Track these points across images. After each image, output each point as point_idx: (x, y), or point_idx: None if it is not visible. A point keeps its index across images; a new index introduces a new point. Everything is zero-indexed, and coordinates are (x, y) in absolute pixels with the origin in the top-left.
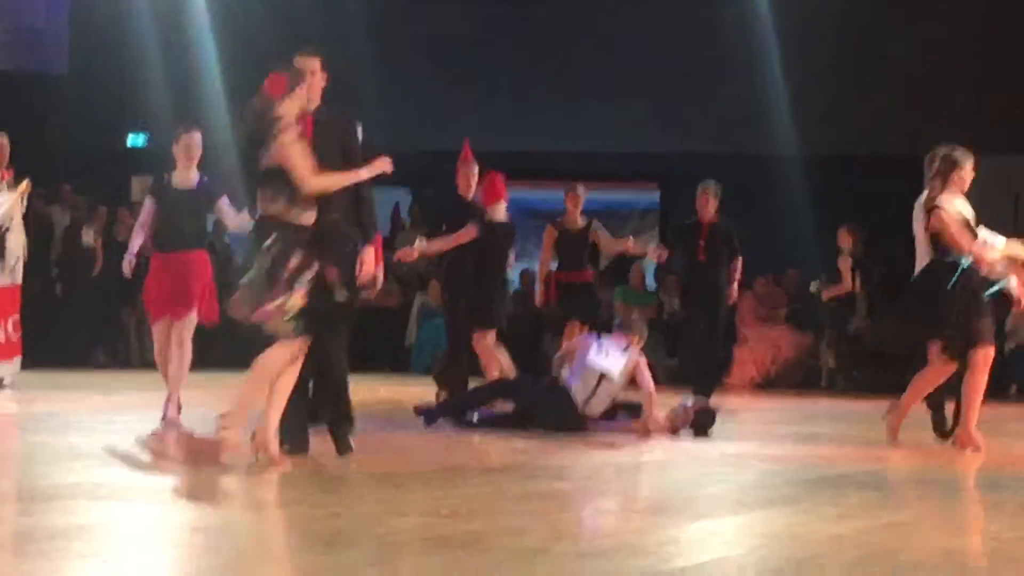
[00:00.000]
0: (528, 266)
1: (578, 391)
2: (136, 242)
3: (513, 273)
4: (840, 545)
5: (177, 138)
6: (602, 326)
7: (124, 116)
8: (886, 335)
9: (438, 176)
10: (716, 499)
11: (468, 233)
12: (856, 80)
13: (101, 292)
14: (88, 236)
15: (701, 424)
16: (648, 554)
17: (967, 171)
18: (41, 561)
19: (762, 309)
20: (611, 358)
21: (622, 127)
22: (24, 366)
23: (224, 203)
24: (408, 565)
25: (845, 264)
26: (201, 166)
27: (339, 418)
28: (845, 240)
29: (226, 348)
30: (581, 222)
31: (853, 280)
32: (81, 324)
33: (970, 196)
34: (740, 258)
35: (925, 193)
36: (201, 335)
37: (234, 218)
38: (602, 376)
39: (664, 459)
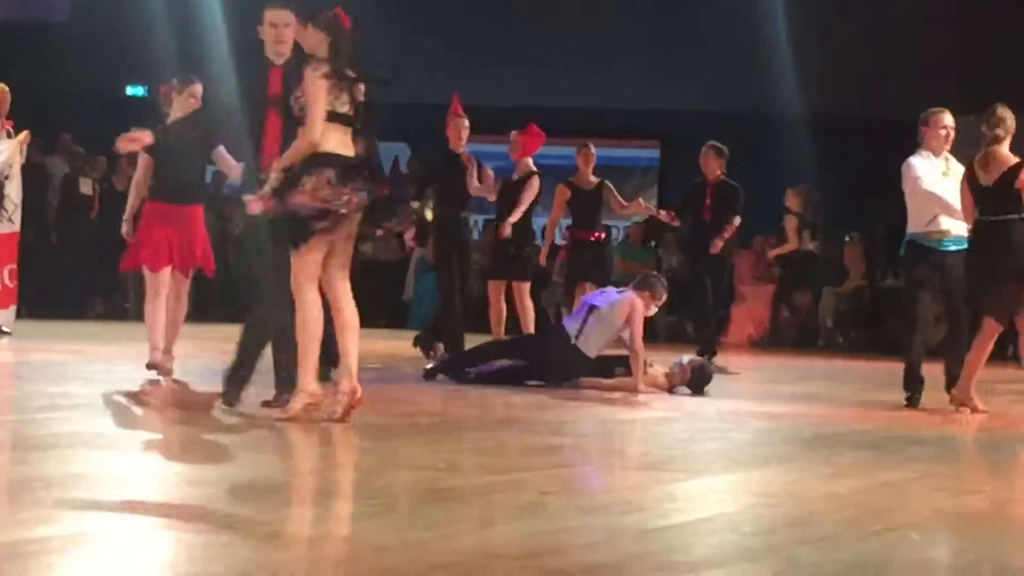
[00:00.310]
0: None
1: (570, 326)
2: (136, 201)
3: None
4: (835, 504)
5: (179, 89)
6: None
7: (124, 65)
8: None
9: (437, 130)
10: (712, 456)
11: (534, 188)
12: (858, 39)
13: (98, 242)
14: (86, 186)
15: (698, 382)
16: (644, 510)
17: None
18: (37, 509)
19: (760, 268)
20: (605, 295)
21: (622, 83)
22: (19, 315)
23: (223, 151)
24: (407, 518)
25: (791, 224)
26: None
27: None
28: (792, 201)
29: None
30: (593, 181)
31: (800, 239)
32: (78, 274)
33: (963, 158)
34: (737, 218)
35: (926, 155)
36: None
37: (233, 166)
38: (592, 308)
39: (661, 416)
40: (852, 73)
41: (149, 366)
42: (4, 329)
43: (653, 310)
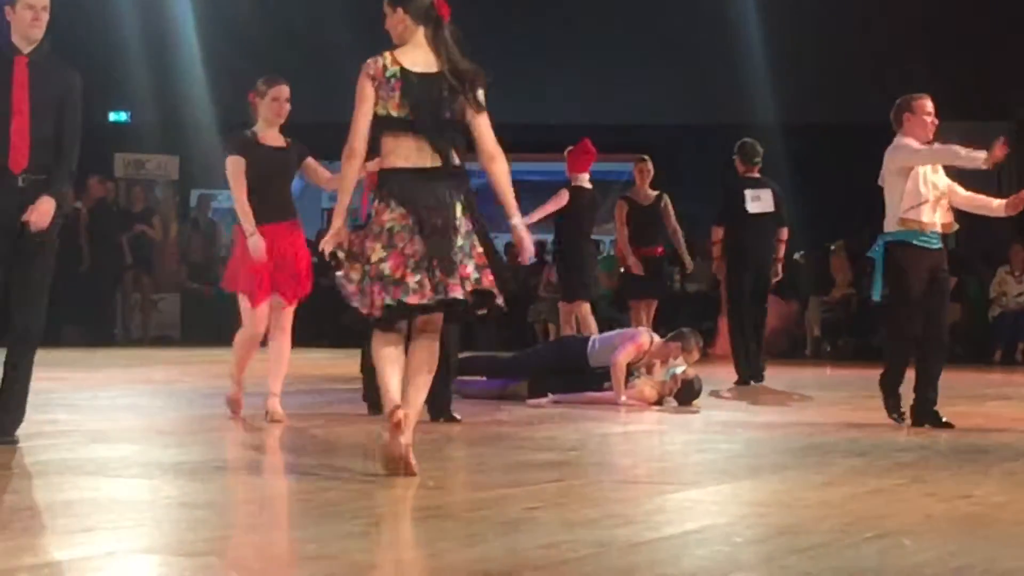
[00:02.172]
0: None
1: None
2: (251, 214)
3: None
4: (826, 512)
5: (261, 92)
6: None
7: (106, 92)
8: None
9: None
10: (702, 468)
11: (560, 200)
12: (836, 49)
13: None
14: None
15: (686, 395)
16: (633, 523)
17: None
18: (27, 538)
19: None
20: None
21: (605, 98)
22: None
23: (313, 162)
24: (397, 535)
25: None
26: (190, 142)
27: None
28: None
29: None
30: (651, 195)
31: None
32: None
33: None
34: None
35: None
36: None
37: (328, 178)
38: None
39: (650, 429)
40: (830, 80)
41: (229, 402)
42: None
43: (677, 364)
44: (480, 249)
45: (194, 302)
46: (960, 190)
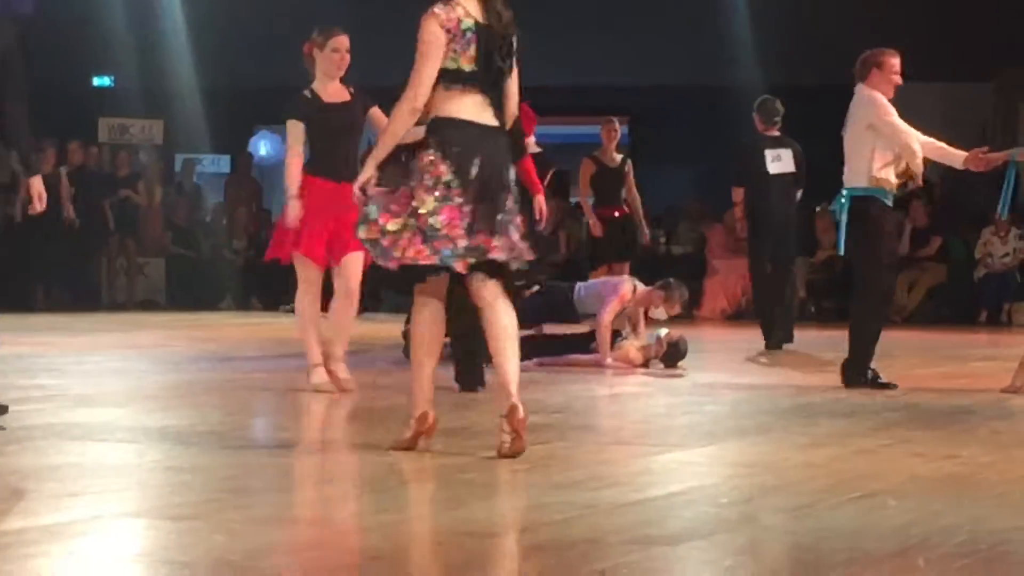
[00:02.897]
0: None
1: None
2: (297, 179)
3: None
4: (811, 473)
5: (319, 43)
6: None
7: (91, 56)
8: None
9: None
10: (688, 429)
11: None
12: (820, 9)
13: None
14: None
15: (672, 356)
16: (619, 485)
17: None
18: (13, 501)
19: (732, 241)
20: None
21: (589, 60)
22: None
23: (378, 112)
24: (380, 499)
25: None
26: (175, 106)
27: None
28: None
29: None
30: (618, 158)
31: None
32: (43, 265)
33: (938, 125)
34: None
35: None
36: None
37: None
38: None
39: (636, 391)
40: (813, 42)
41: (316, 388)
42: None
43: (659, 312)
44: (519, 219)
45: (179, 267)
46: (926, 139)
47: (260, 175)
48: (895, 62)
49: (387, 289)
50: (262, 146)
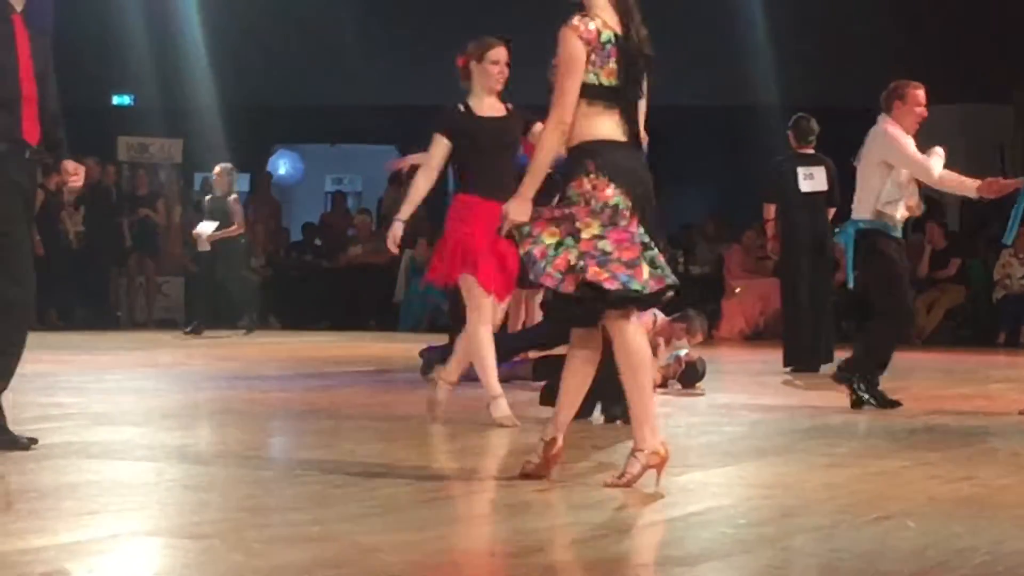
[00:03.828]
0: None
1: None
2: (417, 198)
3: None
4: (830, 494)
5: (477, 56)
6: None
7: (110, 75)
8: None
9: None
10: (706, 450)
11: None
12: (839, 30)
13: (75, 249)
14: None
15: (689, 377)
16: (639, 505)
17: None
18: (33, 520)
19: (750, 261)
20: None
21: None
22: None
23: (539, 128)
24: (399, 519)
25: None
26: (194, 125)
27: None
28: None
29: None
30: None
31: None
32: (62, 284)
33: (957, 145)
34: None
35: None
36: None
37: None
38: None
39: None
40: (832, 63)
41: (499, 422)
42: None
43: (682, 344)
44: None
45: (198, 285)
46: (944, 172)
47: (279, 194)
48: (919, 94)
49: (568, 321)
50: (281, 165)
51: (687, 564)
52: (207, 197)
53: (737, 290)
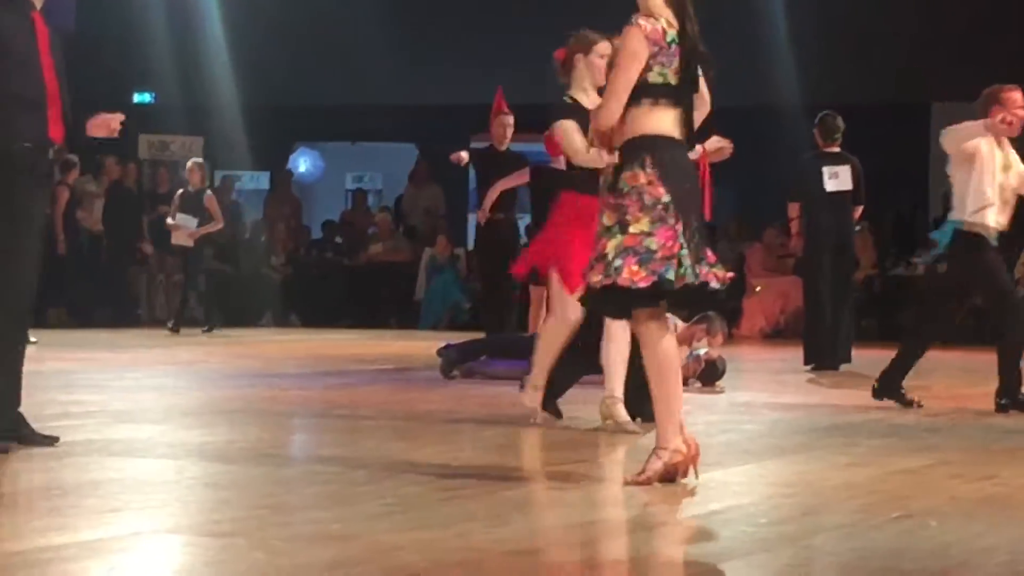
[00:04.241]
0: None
1: None
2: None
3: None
4: (850, 493)
5: (583, 49)
6: None
7: (131, 73)
8: None
9: (444, 132)
10: (726, 448)
11: (521, 177)
12: (863, 27)
13: (100, 247)
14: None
15: (709, 376)
16: (659, 503)
17: None
18: (53, 517)
19: (771, 260)
20: None
21: None
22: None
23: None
24: (420, 516)
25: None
26: (215, 123)
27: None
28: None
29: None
30: None
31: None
32: (84, 282)
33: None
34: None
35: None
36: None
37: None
38: None
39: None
40: (854, 60)
41: (528, 410)
42: (30, 339)
43: (701, 346)
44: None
45: (218, 283)
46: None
47: (299, 191)
48: (1015, 97)
49: (601, 313)
50: (302, 163)
51: (708, 563)
52: (179, 192)
53: (757, 288)
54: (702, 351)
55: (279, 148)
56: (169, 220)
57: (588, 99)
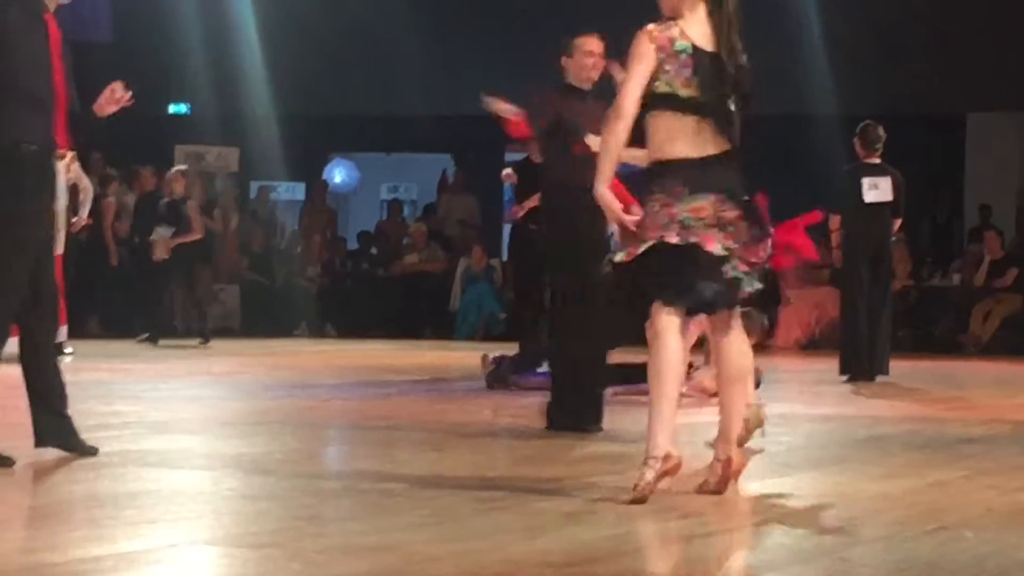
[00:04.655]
0: None
1: None
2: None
3: None
4: (886, 504)
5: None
6: None
7: (167, 84)
8: None
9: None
10: (762, 460)
11: None
12: (898, 37)
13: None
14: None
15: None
16: (693, 516)
17: None
18: (90, 528)
19: (806, 270)
20: None
21: None
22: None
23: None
24: (456, 528)
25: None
26: (250, 134)
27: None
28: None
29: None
30: None
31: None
32: (120, 294)
33: (1013, 152)
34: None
35: None
36: None
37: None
38: None
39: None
40: (890, 70)
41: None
42: (66, 350)
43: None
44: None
45: (254, 293)
46: None
47: (335, 202)
48: None
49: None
50: (337, 173)
51: (744, 575)
52: (163, 201)
53: (791, 299)
54: None
55: (315, 159)
56: (153, 236)
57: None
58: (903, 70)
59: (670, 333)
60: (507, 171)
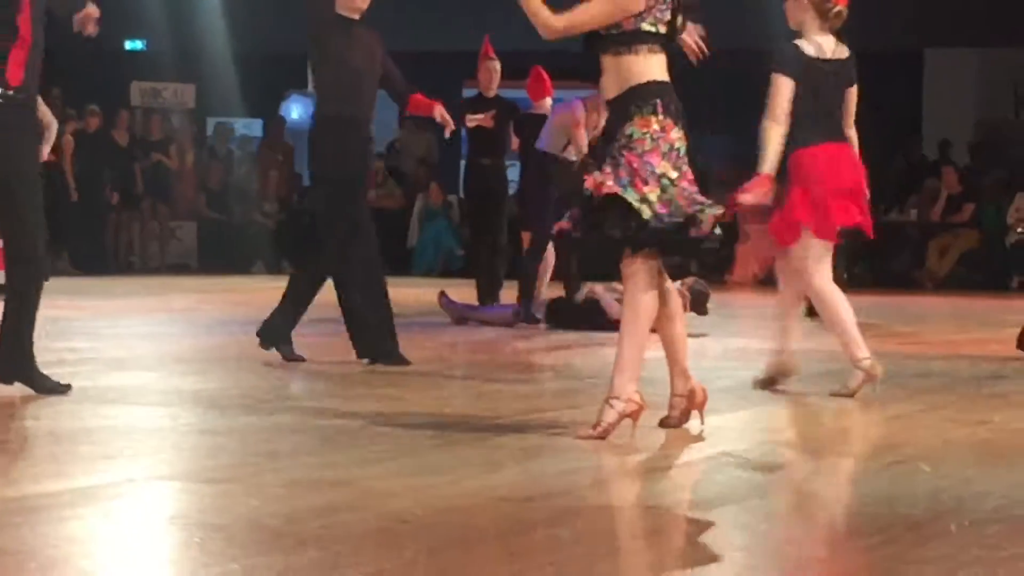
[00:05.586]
0: None
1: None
2: (776, 153)
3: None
4: (844, 438)
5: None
6: None
7: (123, 20)
8: None
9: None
10: (720, 394)
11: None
12: None
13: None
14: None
15: (699, 302)
16: (653, 449)
17: None
18: (48, 464)
19: (764, 205)
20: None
21: None
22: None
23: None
24: (413, 463)
25: None
26: (207, 70)
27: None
28: None
29: None
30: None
31: None
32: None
33: (972, 89)
34: None
35: None
36: None
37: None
38: None
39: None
40: (853, 9)
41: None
42: None
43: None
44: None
45: (211, 230)
46: None
47: (292, 139)
48: None
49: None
50: (294, 109)
51: (702, 508)
52: None
53: (750, 235)
54: (678, 283)
55: (271, 95)
56: None
57: (821, 41)
58: (860, 5)
59: (647, 279)
60: (475, 116)
